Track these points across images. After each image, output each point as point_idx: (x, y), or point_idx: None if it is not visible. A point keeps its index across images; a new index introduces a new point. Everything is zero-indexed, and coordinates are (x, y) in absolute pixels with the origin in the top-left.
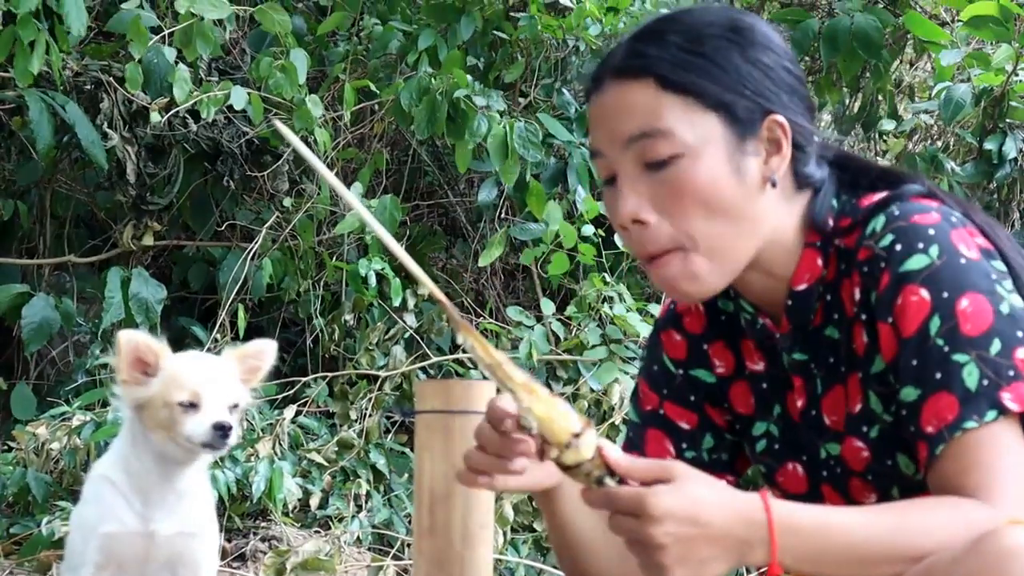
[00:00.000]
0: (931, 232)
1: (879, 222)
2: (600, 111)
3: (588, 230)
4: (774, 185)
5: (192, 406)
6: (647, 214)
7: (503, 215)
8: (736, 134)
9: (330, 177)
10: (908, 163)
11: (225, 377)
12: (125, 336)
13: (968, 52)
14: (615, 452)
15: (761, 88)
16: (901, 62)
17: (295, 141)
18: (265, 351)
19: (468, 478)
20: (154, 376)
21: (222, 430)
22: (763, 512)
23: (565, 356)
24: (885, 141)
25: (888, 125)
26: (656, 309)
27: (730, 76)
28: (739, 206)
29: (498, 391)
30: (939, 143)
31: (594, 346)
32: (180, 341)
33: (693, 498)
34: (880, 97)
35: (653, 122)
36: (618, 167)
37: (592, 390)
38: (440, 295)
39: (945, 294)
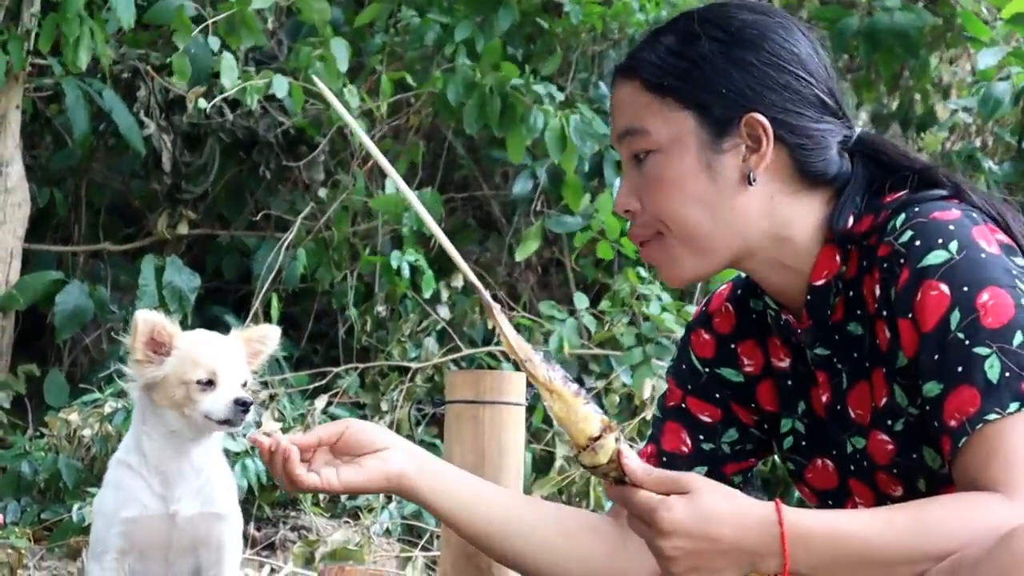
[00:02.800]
0: (951, 228)
1: (899, 219)
2: (611, 107)
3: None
4: (751, 182)
5: (209, 384)
6: (634, 204)
7: (538, 208)
8: (711, 132)
9: (368, 142)
10: (945, 161)
11: (237, 355)
12: (142, 316)
13: (1008, 51)
14: (633, 460)
15: (741, 88)
16: (940, 60)
17: (338, 105)
18: (269, 336)
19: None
20: (167, 355)
21: (243, 405)
22: (775, 523)
23: (597, 351)
24: (922, 139)
25: (933, 129)
26: (691, 308)
27: (707, 77)
28: (710, 200)
29: (528, 384)
30: (977, 141)
31: (630, 348)
32: (213, 330)
33: (704, 512)
34: (918, 96)
35: (633, 120)
36: (623, 159)
37: (624, 384)
38: (475, 280)
39: (965, 288)
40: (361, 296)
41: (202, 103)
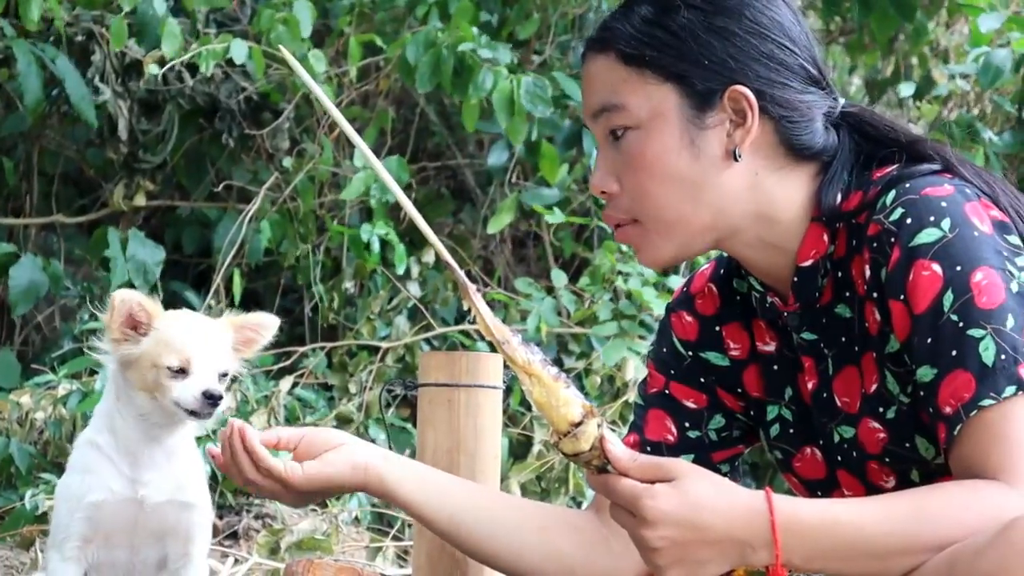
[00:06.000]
0: (943, 205)
1: (889, 196)
2: (582, 83)
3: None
4: (736, 158)
5: (181, 372)
6: (612, 185)
7: (514, 179)
8: (693, 106)
9: (336, 113)
10: (943, 131)
11: (217, 343)
12: (120, 295)
13: (1009, 15)
14: (616, 446)
15: (723, 58)
16: (936, 24)
17: (302, 73)
18: (266, 325)
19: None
20: (145, 335)
21: (211, 399)
22: (766, 512)
23: (577, 329)
24: (919, 108)
25: (907, 90)
26: (674, 281)
27: (687, 47)
28: (693, 179)
29: (505, 366)
30: (976, 110)
31: (604, 321)
32: (172, 306)
33: (691, 501)
34: (914, 61)
35: (610, 96)
36: (596, 138)
37: (605, 365)
38: (449, 258)
39: (959, 267)
40: (328, 271)
41: (154, 68)
